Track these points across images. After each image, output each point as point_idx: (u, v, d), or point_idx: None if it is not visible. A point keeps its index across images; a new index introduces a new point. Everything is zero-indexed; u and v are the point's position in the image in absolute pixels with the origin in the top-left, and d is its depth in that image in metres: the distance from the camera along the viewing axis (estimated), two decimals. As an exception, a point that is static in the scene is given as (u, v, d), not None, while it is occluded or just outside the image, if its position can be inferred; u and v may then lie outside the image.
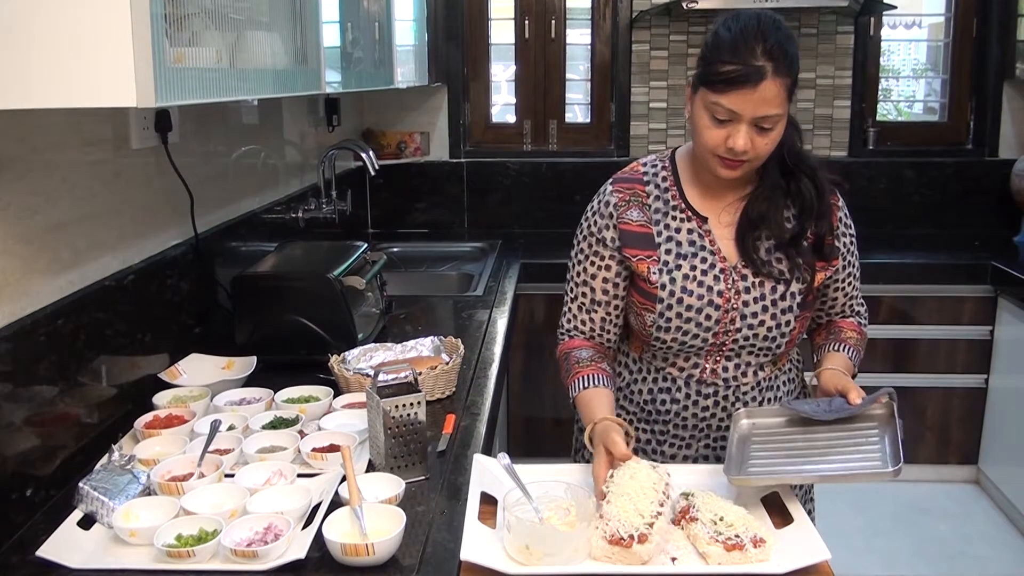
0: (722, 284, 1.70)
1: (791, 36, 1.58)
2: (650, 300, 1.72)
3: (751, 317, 1.70)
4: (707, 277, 1.70)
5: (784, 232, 1.70)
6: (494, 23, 4.36)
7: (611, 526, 1.37)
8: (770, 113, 1.55)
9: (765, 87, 1.53)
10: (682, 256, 1.71)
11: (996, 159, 4.23)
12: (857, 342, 1.82)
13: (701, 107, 1.60)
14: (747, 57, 1.53)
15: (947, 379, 3.77)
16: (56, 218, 1.68)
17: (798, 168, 1.70)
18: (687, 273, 1.70)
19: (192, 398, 1.91)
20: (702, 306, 1.69)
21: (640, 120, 4.29)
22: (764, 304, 1.70)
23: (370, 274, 2.42)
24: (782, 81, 1.54)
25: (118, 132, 1.93)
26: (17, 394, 1.51)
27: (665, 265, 1.71)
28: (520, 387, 3.78)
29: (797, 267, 1.70)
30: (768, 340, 1.72)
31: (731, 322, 1.70)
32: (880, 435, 1.56)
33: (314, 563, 1.35)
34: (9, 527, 1.46)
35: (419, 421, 1.62)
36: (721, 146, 1.59)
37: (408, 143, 4.24)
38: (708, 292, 1.69)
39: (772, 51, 1.53)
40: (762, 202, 1.70)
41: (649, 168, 1.79)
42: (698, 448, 1.81)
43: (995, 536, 3.54)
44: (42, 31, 1.14)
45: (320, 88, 2.03)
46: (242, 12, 1.57)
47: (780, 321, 1.71)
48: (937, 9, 4.32)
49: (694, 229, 1.73)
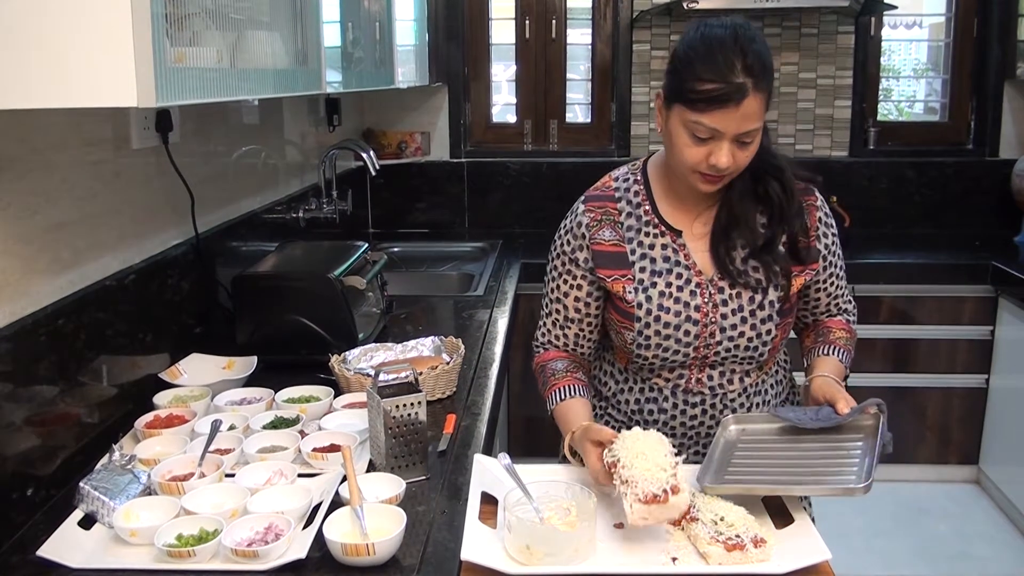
0: (699, 298, 1.67)
1: (765, 43, 1.54)
2: (628, 319, 1.70)
3: (730, 329, 1.67)
4: (683, 293, 1.67)
5: (757, 237, 1.66)
6: (495, 23, 4.36)
7: (641, 487, 1.37)
8: (751, 128, 1.52)
9: (747, 104, 1.49)
10: (657, 273, 1.69)
11: (996, 159, 4.22)
12: (847, 342, 1.79)
13: (679, 124, 1.56)
14: (727, 74, 1.48)
15: (947, 379, 3.77)
16: (56, 218, 1.68)
17: (764, 170, 1.66)
18: (663, 290, 1.67)
19: (193, 398, 1.91)
20: (680, 322, 1.67)
21: (640, 120, 4.29)
22: (743, 315, 1.67)
23: (371, 274, 2.42)
24: (763, 95, 1.51)
25: (119, 132, 1.93)
26: (18, 394, 1.51)
27: (640, 283, 1.68)
28: (520, 387, 3.78)
29: (773, 274, 1.67)
30: (750, 350, 1.70)
31: (711, 335, 1.68)
32: (863, 448, 1.54)
33: (314, 563, 1.35)
34: (10, 527, 1.46)
35: (420, 421, 1.62)
36: (703, 163, 1.55)
37: (409, 143, 4.24)
38: (685, 308, 1.67)
39: (752, 67, 1.49)
40: (734, 206, 1.67)
41: (621, 183, 1.75)
42: (688, 456, 1.79)
43: (995, 536, 3.54)
44: (42, 31, 1.14)
45: (321, 88, 2.04)
46: (243, 12, 1.57)
47: (760, 331, 1.68)
48: (938, 9, 4.32)
49: (668, 244, 1.70)
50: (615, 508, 1.50)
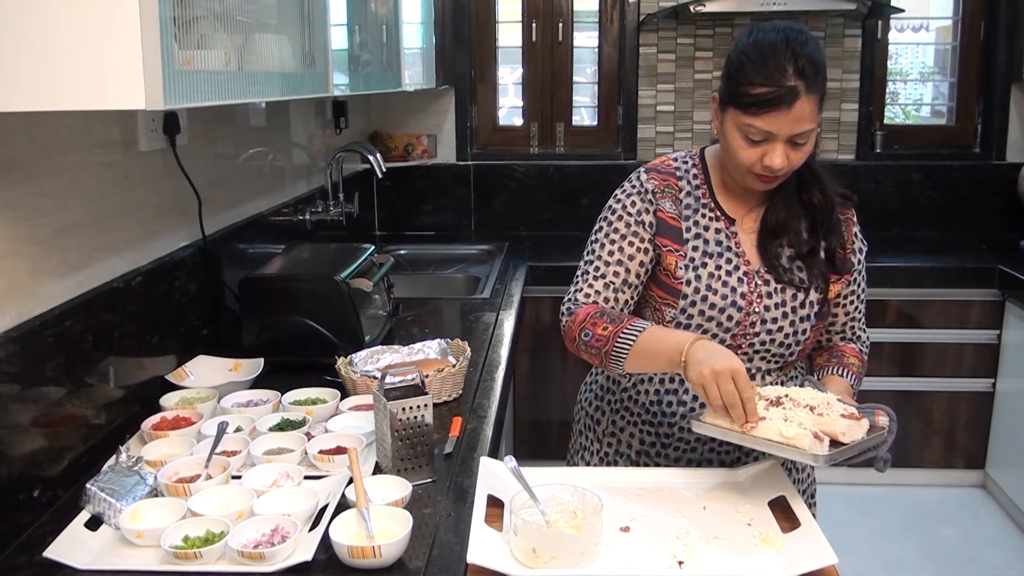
0: (745, 287, 1.70)
1: (818, 45, 1.57)
2: (672, 295, 1.71)
3: (771, 322, 1.70)
4: (731, 278, 1.70)
5: (802, 243, 1.71)
6: (501, 26, 4.36)
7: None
8: (805, 129, 1.55)
9: (800, 106, 1.53)
10: (708, 255, 1.71)
11: (1003, 163, 4.22)
12: (859, 369, 1.80)
13: (733, 127, 1.60)
14: (779, 78, 1.52)
15: (954, 383, 3.76)
16: (65, 220, 1.69)
17: (808, 178, 1.71)
18: (712, 272, 1.70)
19: (199, 400, 1.92)
20: (725, 306, 1.69)
21: (647, 123, 4.29)
22: (784, 310, 1.70)
23: (377, 276, 2.42)
24: (815, 96, 1.55)
25: (126, 134, 1.93)
26: (25, 395, 1.52)
27: (692, 261, 1.70)
28: (527, 390, 3.78)
29: (814, 277, 1.71)
30: (784, 347, 1.73)
31: (751, 325, 1.70)
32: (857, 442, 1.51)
33: (321, 565, 1.35)
34: (16, 527, 1.47)
35: (426, 423, 1.62)
36: (757, 164, 1.59)
37: (415, 145, 4.25)
38: (732, 293, 1.69)
39: (804, 69, 1.52)
40: (780, 211, 1.71)
41: (680, 164, 1.79)
42: (703, 452, 1.80)
43: (1002, 541, 3.53)
44: (51, 34, 1.15)
45: (328, 91, 2.04)
46: (250, 15, 1.57)
47: (798, 328, 1.71)
48: (945, 12, 4.32)
49: (722, 229, 1.73)
50: (620, 511, 1.51)
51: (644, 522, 1.49)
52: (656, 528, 1.47)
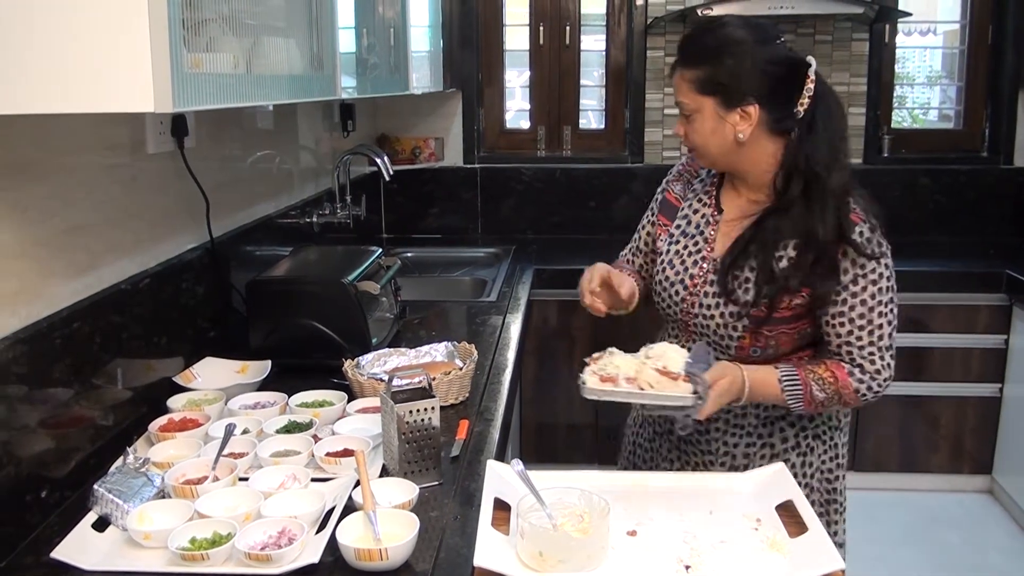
0: (696, 269, 1.80)
1: (716, 32, 1.68)
2: (653, 264, 1.93)
3: (706, 308, 1.78)
4: (688, 260, 1.82)
5: (769, 267, 1.70)
6: (509, 29, 4.37)
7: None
8: (681, 101, 1.71)
9: (677, 79, 1.72)
10: (684, 235, 1.85)
11: (1011, 167, 4.20)
12: (820, 387, 1.70)
13: None
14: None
15: (961, 388, 3.75)
16: (73, 221, 1.69)
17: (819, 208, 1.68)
18: (679, 250, 1.84)
19: (206, 401, 1.92)
20: (675, 282, 1.83)
21: (654, 126, 4.28)
22: (719, 300, 1.75)
23: (384, 279, 2.43)
24: (689, 74, 1.69)
25: (135, 137, 1.94)
26: (33, 396, 1.52)
27: (671, 237, 1.88)
28: (533, 393, 3.77)
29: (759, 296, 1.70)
30: (718, 336, 1.77)
31: (691, 306, 1.80)
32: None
33: (327, 567, 1.36)
34: (24, 528, 1.47)
35: (433, 426, 1.62)
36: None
37: (422, 148, 4.25)
38: (683, 272, 1.82)
39: (684, 46, 1.73)
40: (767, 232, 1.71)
41: None
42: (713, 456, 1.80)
43: (1009, 546, 3.52)
44: (60, 37, 1.15)
45: (335, 94, 2.04)
46: (258, 18, 1.58)
47: (728, 323, 1.74)
48: (952, 16, 4.31)
49: (707, 216, 1.84)
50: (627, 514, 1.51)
51: (651, 526, 1.49)
52: (663, 532, 1.47)
